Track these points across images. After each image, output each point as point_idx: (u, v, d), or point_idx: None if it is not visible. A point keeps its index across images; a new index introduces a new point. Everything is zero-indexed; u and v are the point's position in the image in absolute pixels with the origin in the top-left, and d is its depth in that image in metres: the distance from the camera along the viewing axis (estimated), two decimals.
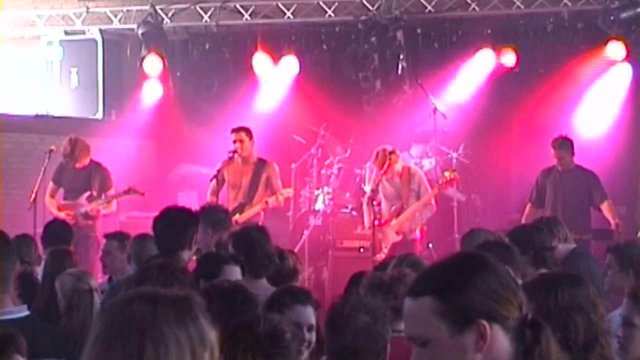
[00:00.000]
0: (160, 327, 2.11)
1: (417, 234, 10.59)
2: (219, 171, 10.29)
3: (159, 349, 2.09)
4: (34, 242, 7.15)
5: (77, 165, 10.94)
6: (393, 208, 10.53)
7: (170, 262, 5.16)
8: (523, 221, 9.56)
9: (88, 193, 10.86)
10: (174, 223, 5.98)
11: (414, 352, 2.39)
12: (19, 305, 4.25)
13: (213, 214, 7.20)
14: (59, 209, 10.88)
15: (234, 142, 10.32)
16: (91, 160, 11.04)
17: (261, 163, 10.44)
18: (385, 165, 10.50)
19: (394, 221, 10.47)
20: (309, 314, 4.30)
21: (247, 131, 10.40)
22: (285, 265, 6.05)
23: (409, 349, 2.39)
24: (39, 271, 6.62)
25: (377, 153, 10.53)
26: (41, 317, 4.92)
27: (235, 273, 5.30)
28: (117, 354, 2.10)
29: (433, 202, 10.59)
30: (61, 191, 11.18)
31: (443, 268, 2.45)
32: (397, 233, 10.43)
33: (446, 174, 10.65)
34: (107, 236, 7.42)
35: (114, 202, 10.95)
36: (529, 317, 2.38)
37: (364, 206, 10.89)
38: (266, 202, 10.25)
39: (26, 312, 4.03)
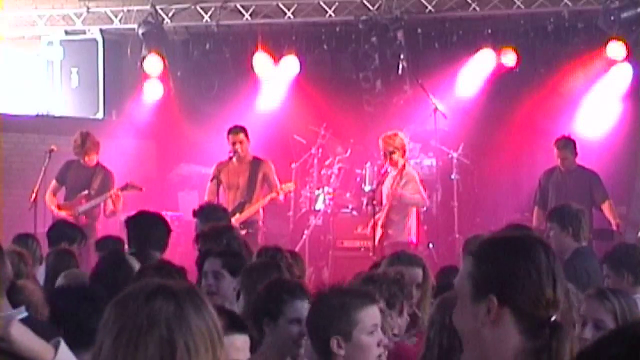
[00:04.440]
0: (187, 322, 2.17)
1: (413, 237, 10.50)
2: (217, 172, 10.31)
3: (189, 343, 2.16)
4: (37, 241, 7.15)
5: (86, 160, 10.91)
6: (383, 205, 10.53)
7: (167, 262, 5.20)
8: (534, 224, 9.54)
9: (86, 192, 10.85)
10: (148, 224, 6.04)
11: None
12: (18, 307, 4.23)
13: (211, 213, 7.21)
14: (59, 207, 10.88)
15: (234, 143, 10.31)
16: (98, 162, 11.05)
17: (256, 162, 10.46)
18: (386, 165, 10.53)
19: (381, 218, 10.46)
20: (307, 309, 4.24)
21: (245, 131, 10.43)
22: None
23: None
24: (40, 270, 6.61)
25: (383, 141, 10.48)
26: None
27: None
28: (147, 347, 2.14)
29: (425, 196, 10.54)
30: (62, 191, 11.17)
31: (495, 238, 2.54)
32: (382, 228, 10.40)
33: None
34: (101, 243, 7.13)
35: (119, 203, 10.88)
36: (551, 319, 2.39)
37: (364, 207, 10.91)
38: (271, 199, 10.30)
39: (24, 314, 4.01)
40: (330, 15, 12.80)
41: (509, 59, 12.18)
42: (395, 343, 4.35)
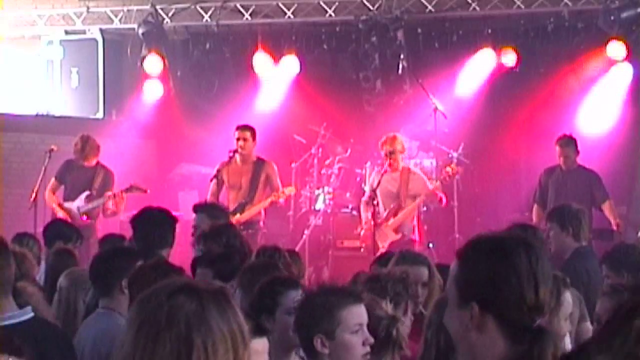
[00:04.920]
0: (207, 322, 2.15)
1: (416, 234, 10.61)
2: (218, 171, 10.30)
3: (207, 343, 2.14)
4: (36, 241, 7.14)
5: (86, 164, 10.94)
6: (390, 207, 10.56)
7: (164, 261, 5.18)
8: (534, 222, 9.54)
9: (87, 193, 10.86)
10: (153, 222, 6.04)
11: None
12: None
13: (211, 210, 7.20)
14: (60, 207, 10.87)
15: (238, 139, 10.33)
16: (98, 162, 11.05)
17: (260, 162, 10.46)
18: (386, 165, 10.57)
19: (391, 220, 10.50)
20: None
21: (252, 131, 10.43)
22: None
23: None
24: (40, 270, 6.60)
25: (383, 143, 10.59)
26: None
27: None
28: (165, 344, 2.13)
29: (444, 197, 10.69)
30: (61, 190, 11.16)
31: (477, 241, 2.49)
32: (396, 231, 10.46)
33: (448, 169, 10.78)
34: (105, 241, 7.18)
35: (122, 205, 10.86)
36: (534, 324, 2.37)
37: (362, 205, 10.94)
38: (271, 202, 10.29)
39: (30, 315, 4.01)
40: (330, 15, 12.79)
41: (509, 58, 12.18)
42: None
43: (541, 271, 2.39)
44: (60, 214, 10.65)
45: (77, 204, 10.85)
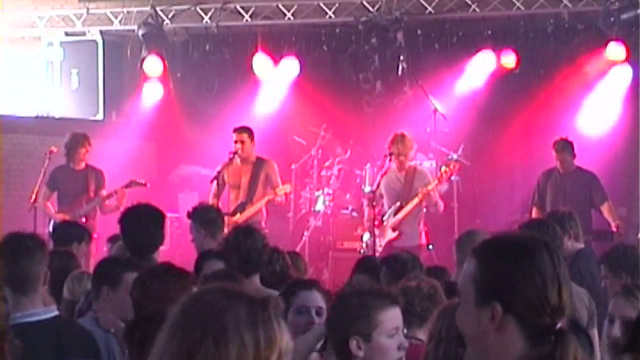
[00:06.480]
0: (225, 324, 2.18)
1: (423, 239, 10.52)
2: (219, 173, 10.30)
3: (218, 345, 2.16)
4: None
5: (75, 167, 10.90)
6: (394, 206, 10.51)
7: (148, 268, 5.14)
8: None
9: (84, 195, 10.84)
10: (141, 223, 5.98)
11: None
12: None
13: (204, 214, 7.18)
14: (58, 212, 10.85)
15: (235, 142, 10.33)
16: (87, 165, 11.01)
17: (259, 161, 10.47)
18: (385, 167, 10.54)
19: (392, 219, 10.46)
20: (315, 297, 4.29)
21: (250, 132, 10.42)
22: (275, 267, 5.82)
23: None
24: None
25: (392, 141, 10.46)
26: None
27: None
28: (228, 346, 2.16)
29: (440, 201, 10.55)
30: (54, 197, 11.11)
31: (499, 240, 2.48)
32: (394, 230, 10.41)
33: (443, 168, 10.67)
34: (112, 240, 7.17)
35: (124, 200, 10.82)
36: (556, 326, 2.37)
37: (364, 207, 10.91)
38: (268, 200, 10.27)
39: (54, 313, 4.02)
40: (330, 17, 12.80)
41: (509, 60, 12.18)
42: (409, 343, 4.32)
43: (563, 273, 2.41)
44: (59, 216, 10.62)
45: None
